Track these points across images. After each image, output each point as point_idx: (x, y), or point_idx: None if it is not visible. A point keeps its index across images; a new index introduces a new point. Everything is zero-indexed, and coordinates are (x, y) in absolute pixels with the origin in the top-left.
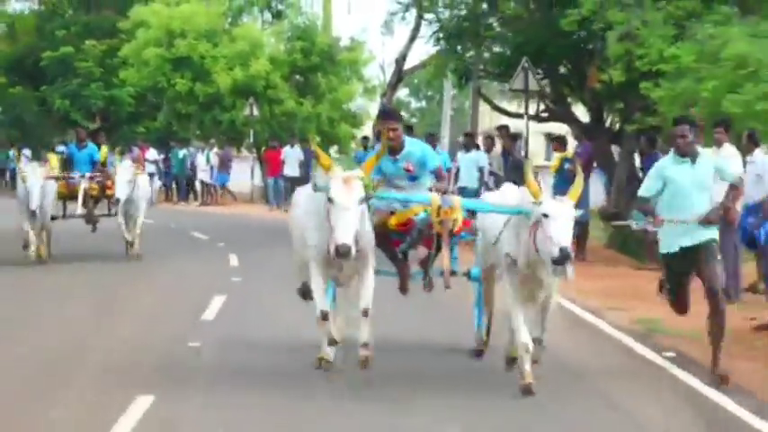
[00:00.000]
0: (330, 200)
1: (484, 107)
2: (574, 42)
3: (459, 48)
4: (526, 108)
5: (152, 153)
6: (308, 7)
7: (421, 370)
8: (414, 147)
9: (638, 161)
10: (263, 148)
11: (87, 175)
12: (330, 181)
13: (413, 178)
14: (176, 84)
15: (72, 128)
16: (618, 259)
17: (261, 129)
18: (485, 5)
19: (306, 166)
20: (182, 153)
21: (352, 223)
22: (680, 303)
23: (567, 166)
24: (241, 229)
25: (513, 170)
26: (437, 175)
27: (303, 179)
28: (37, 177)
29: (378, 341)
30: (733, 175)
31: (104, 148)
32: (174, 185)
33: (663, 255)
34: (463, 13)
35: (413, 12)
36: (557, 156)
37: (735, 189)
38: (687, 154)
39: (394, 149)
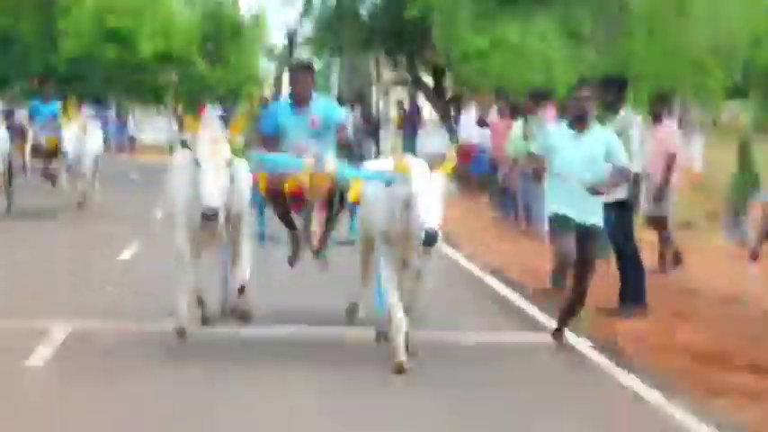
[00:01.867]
0: (196, 162)
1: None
2: (417, 26)
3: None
4: (378, 77)
5: (86, 110)
6: None
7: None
8: (322, 102)
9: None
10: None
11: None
12: (197, 141)
13: (316, 134)
14: (107, 52)
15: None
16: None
17: (179, 90)
18: None
19: (224, 121)
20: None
21: (218, 186)
22: (566, 258)
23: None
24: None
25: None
26: (339, 130)
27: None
28: None
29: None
30: (620, 162)
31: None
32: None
33: (553, 215)
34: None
35: None
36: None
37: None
38: (580, 123)
39: (302, 100)
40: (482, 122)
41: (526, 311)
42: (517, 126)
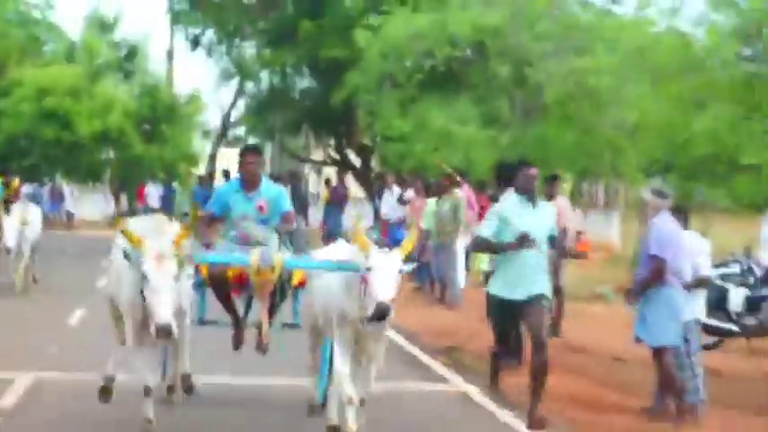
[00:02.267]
0: (144, 276)
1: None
2: (344, 110)
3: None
4: (308, 158)
5: (26, 188)
6: (154, 68)
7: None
8: (270, 186)
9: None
10: (139, 184)
11: None
12: (142, 257)
13: (264, 221)
14: (45, 131)
15: None
16: None
17: (115, 168)
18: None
19: (164, 199)
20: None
21: (169, 302)
22: (508, 346)
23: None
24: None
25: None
26: (286, 218)
27: (161, 210)
28: None
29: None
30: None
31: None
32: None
33: (494, 296)
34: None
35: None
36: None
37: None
38: (533, 197)
39: (250, 185)
40: (401, 200)
41: (430, 366)
42: (431, 203)
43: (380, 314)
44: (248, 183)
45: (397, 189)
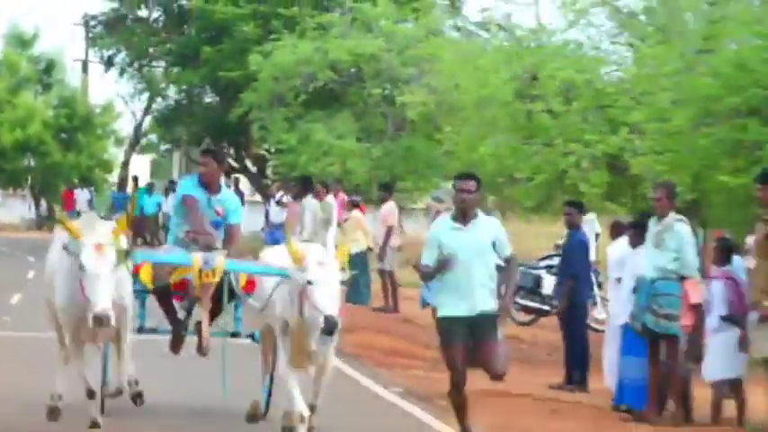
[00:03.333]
0: (81, 267)
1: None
2: (241, 124)
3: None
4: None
5: None
6: (70, 79)
7: None
8: (231, 197)
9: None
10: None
11: None
12: (81, 247)
13: (217, 224)
14: None
15: None
16: None
17: (35, 175)
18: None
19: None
20: None
21: (108, 290)
22: (457, 374)
23: None
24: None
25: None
26: (231, 232)
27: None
28: None
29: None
30: (505, 254)
31: None
32: None
33: (441, 318)
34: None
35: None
36: None
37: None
38: (465, 215)
39: (209, 186)
40: (279, 203)
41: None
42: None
43: (330, 328)
44: (209, 186)
45: (279, 194)
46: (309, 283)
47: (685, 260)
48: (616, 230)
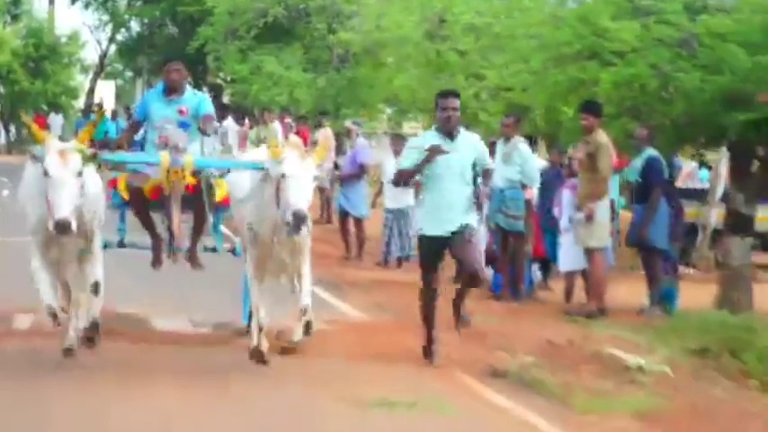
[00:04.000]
0: (45, 173)
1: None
2: (198, 55)
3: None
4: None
5: None
6: (38, 11)
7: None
8: (194, 96)
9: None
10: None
11: None
12: (45, 152)
13: (183, 124)
14: None
15: None
16: None
17: (4, 102)
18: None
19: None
20: None
21: (69, 197)
22: (430, 285)
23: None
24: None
25: None
26: (204, 119)
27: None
28: None
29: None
30: (485, 165)
31: None
32: None
33: (420, 236)
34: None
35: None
36: None
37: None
38: (451, 131)
39: (172, 91)
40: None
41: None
42: (252, 132)
43: (298, 222)
44: (171, 88)
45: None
46: (283, 176)
47: (527, 172)
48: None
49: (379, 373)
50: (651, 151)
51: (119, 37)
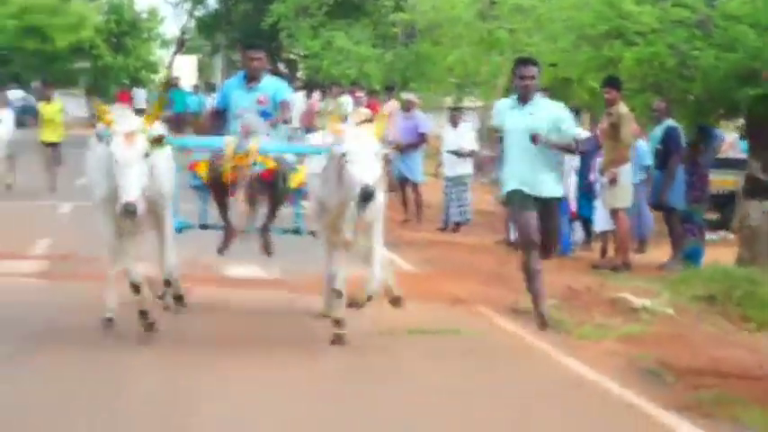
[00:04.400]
0: (112, 156)
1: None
2: (271, 32)
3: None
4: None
5: (14, 93)
6: None
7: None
8: (271, 81)
9: None
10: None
11: None
12: (112, 135)
13: (263, 113)
14: (27, 44)
15: None
16: None
17: (87, 77)
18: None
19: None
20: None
21: (136, 180)
22: (527, 230)
23: None
24: None
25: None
26: (281, 106)
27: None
28: None
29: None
30: (570, 134)
31: None
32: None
33: (508, 192)
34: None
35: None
36: None
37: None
38: (527, 98)
39: (252, 79)
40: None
41: None
42: (322, 104)
43: (364, 197)
44: (250, 76)
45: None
46: (345, 154)
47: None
48: None
49: (417, 309)
50: (670, 122)
51: (197, 13)
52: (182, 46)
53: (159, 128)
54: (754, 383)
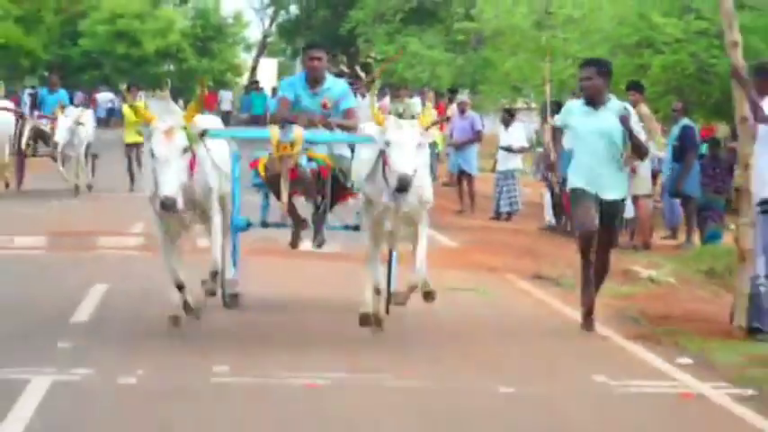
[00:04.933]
0: (151, 152)
1: None
2: (349, 37)
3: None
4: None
5: (103, 96)
6: None
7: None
8: (335, 84)
9: None
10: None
11: (36, 114)
12: (152, 132)
13: (327, 116)
14: (117, 48)
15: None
16: None
17: (174, 79)
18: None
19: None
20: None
21: (174, 176)
22: (586, 220)
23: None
24: None
25: None
26: (347, 114)
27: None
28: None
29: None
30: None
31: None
32: None
33: (571, 189)
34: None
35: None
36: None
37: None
38: (594, 99)
39: (315, 81)
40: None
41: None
42: (391, 107)
43: (401, 185)
44: (312, 79)
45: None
46: (387, 143)
47: None
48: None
49: (451, 274)
50: (686, 121)
51: (278, 19)
52: (263, 50)
53: (206, 122)
54: (705, 324)
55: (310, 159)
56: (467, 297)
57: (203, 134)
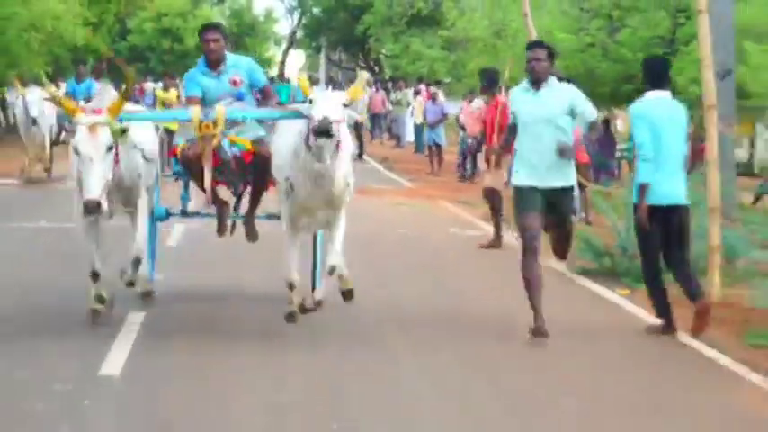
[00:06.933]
0: (75, 150)
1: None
2: (363, 37)
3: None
4: (343, 66)
5: (149, 86)
6: None
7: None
8: (238, 60)
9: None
10: None
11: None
12: (76, 127)
13: (240, 96)
14: (162, 44)
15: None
16: None
17: None
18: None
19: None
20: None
21: (98, 176)
22: (530, 239)
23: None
24: None
25: None
26: (264, 92)
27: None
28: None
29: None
30: (588, 119)
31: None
32: None
33: (516, 188)
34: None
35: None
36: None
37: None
38: (539, 81)
39: (216, 63)
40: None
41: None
42: (392, 96)
43: (323, 126)
44: (213, 62)
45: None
46: (310, 101)
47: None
48: None
49: (401, 199)
50: None
51: (303, 20)
52: (291, 44)
53: (132, 109)
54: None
55: (232, 144)
56: (407, 210)
57: (124, 131)
